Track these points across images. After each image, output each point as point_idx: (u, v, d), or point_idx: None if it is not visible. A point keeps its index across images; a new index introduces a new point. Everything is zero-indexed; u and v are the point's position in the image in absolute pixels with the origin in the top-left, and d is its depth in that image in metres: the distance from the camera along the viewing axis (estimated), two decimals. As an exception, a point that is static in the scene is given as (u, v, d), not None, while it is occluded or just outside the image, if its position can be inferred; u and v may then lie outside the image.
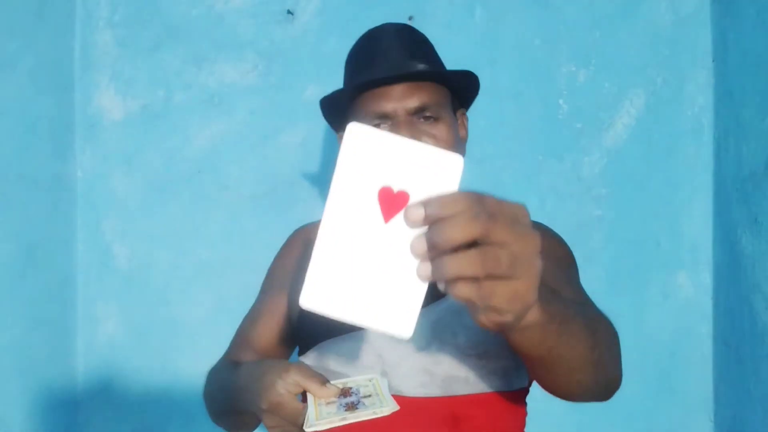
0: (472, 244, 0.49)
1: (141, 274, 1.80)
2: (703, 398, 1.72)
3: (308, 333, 1.04)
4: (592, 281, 1.72)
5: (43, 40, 1.68)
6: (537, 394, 1.77)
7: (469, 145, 1.12)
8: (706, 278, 1.73)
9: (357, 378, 0.89)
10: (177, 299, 1.79)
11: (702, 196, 1.73)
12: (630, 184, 1.74)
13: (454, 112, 1.07)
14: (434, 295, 0.97)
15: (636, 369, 1.73)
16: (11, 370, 1.56)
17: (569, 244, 1.17)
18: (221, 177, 1.79)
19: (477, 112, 1.17)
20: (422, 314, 0.99)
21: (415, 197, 0.52)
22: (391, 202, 0.53)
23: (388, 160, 0.52)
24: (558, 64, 1.75)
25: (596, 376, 0.76)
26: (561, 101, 1.75)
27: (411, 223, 0.51)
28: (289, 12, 1.78)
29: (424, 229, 0.51)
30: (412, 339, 0.95)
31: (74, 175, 1.80)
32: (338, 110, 1.09)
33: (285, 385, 0.81)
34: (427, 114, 0.99)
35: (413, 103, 0.98)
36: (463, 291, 0.50)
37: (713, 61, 1.72)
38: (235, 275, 1.76)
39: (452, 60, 1.11)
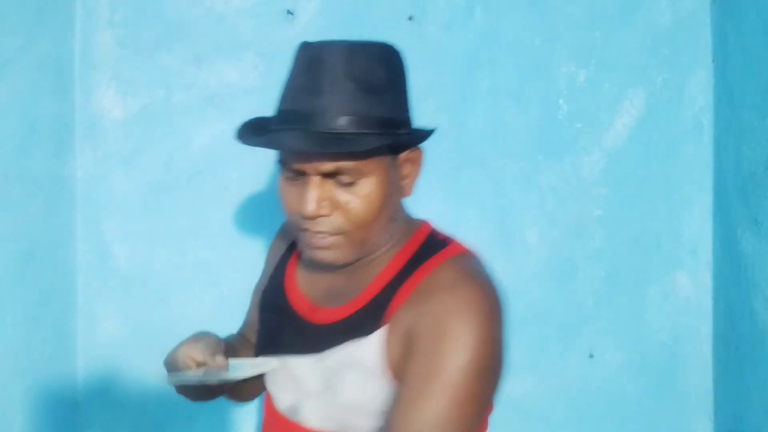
0: None
1: (141, 274, 1.80)
2: (703, 398, 1.72)
3: (258, 347, 1.09)
4: (592, 281, 1.73)
5: (43, 40, 1.67)
6: (538, 396, 1.76)
7: (469, 145, 1.11)
8: (706, 278, 1.73)
9: (258, 360, 0.96)
10: (177, 299, 1.79)
11: (702, 196, 1.73)
12: (630, 184, 1.74)
13: (398, 151, 0.92)
14: (327, 342, 0.92)
15: (636, 369, 1.74)
16: (11, 370, 1.56)
17: (569, 243, 1.14)
18: (221, 177, 1.79)
19: (477, 112, 1.17)
20: (315, 360, 0.94)
21: None
22: None
23: None
24: (558, 64, 1.75)
25: None
26: (561, 101, 1.75)
27: None
28: (289, 12, 1.78)
29: None
30: (310, 380, 0.95)
31: (74, 175, 1.80)
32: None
33: (185, 350, 0.92)
34: (344, 179, 0.87)
35: (327, 167, 0.86)
36: None
37: (713, 61, 1.72)
38: (235, 275, 1.76)
39: (452, 60, 1.11)
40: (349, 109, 0.86)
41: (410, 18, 1.74)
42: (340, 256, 0.91)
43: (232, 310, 1.80)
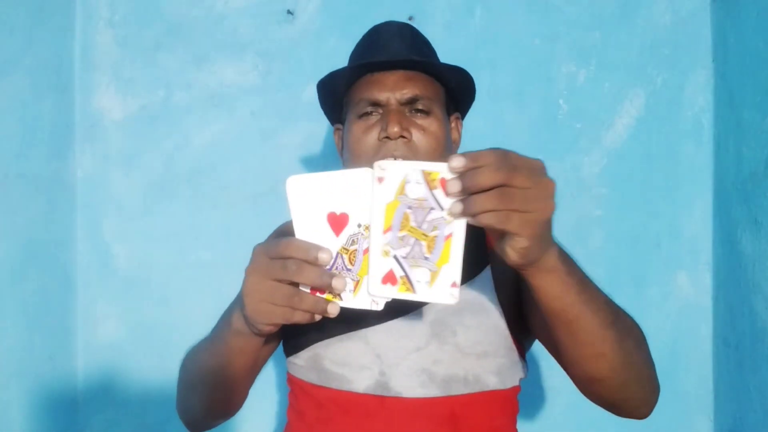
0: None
1: (141, 274, 1.80)
2: (703, 398, 1.72)
3: (299, 334, 1.00)
4: (592, 281, 1.72)
5: (43, 40, 1.68)
6: (538, 395, 1.76)
7: (469, 146, 1.12)
8: (706, 278, 1.73)
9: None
10: (177, 299, 1.79)
11: (702, 196, 1.73)
12: (630, 184, 1.74)
13: (449, 113, 1.07)
14: None
15: (636, 369, 1.74)
16: (11, 370, 1.56)
17: (569, 243, 1.17)
18: (221, 177, 1.79)
19: (477, 112, 1.18)
20: (421, 314, 0.98)
21: (351, 213, 0.72)
22: (336, 221, 0.75)
23: (325, 192, 0.75)
24: (558, 64, 1.75)
25: (621, 357, 0.78)
26: (561, 101, 1.75)
27: (454, 172, 0.64)
28: (289, 12, 1.78)
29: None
30: (412, 338, 0.94)
31: (74, 175, 1.80)
32: (335, 99, 1.10)
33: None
34: (419, 107, 1.00)
35: (405, 93, 1.00)
36: (485, 219, 0.62)
37: (713, 61, 1.72)
38: (235, 275, 1.74)
39: (452, 60, 1.11)
40: (413, 52, 1.04)
41: (410, 18, 1.74)
42: None
43: (232, 310, 1.79)
